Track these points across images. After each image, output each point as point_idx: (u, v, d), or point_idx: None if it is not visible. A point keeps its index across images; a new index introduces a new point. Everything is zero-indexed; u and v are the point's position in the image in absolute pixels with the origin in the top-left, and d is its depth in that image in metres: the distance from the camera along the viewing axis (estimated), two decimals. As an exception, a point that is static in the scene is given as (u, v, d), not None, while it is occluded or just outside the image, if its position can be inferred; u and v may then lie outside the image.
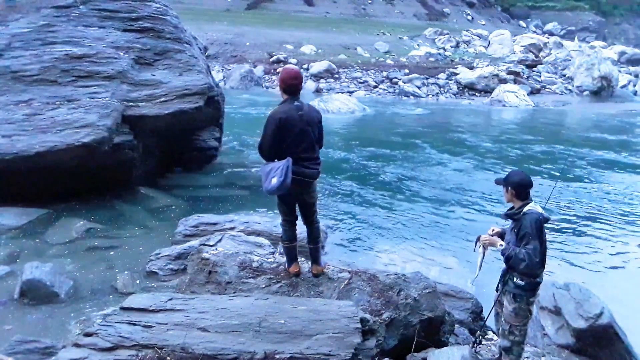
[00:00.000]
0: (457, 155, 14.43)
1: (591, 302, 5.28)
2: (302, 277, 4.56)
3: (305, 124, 4.16)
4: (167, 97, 9.31)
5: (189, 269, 4.90)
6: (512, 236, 3.83)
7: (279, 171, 4.01)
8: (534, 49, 36.28)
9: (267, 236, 6.82)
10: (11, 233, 7.29)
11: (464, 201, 10.34)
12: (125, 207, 8.70)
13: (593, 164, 13.93)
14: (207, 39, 30.19)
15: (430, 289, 4.61)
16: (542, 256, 3.71)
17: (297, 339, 3.62)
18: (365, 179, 11.66)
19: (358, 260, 6.82)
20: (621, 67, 34.77)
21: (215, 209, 8.76)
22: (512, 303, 3.85)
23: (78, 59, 9.11)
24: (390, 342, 4.21)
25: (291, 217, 4.48)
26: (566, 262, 7.69)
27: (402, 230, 8.63)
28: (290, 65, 21.64)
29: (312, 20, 42.34)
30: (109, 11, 10.25)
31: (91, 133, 8.04)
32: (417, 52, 36.47)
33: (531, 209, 3.77)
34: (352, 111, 21.04)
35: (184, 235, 7.16)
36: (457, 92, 28.19)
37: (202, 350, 3.45)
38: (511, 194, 3.87)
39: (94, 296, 5.85)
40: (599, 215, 9.87)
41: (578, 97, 28.08)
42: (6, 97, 8.37)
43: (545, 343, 5.37)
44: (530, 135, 18.12)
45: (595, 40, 49.48)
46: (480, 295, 5.79)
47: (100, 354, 3.44)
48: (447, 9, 52.90)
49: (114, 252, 7.01)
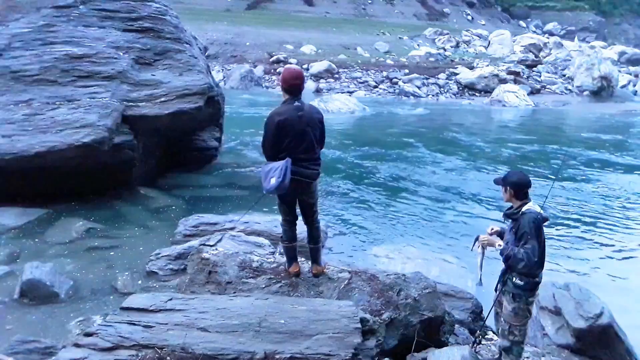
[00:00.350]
0: (457, 155, 14.43)
1: (591, 302, 5.28)
2: (302, 277, 4.56)
3: (305, 124, 4.15)
4: (167, 97, 9.31)
5: (189, 269, 4.90)
6: (511, 236, 3.83)
7: (278, 171, 4.01)
8: (534, 49, 36.30)
9: (267, 236, 6.82)
10: (11, 233, 7.29)
11: (464, 201, 10.34)
12: (125, 207, 8.69)
13: (593, 164, 13.93)
14: (207, 39, 30.18)
15: (430, 289, 4.61)
16: (541, 256, 3.71)
17: (297, 339, 3.62)
18: (365, 179, 11.66)
19: (358, 260, 6.83)
20: (621, 67, 34.81)
21: (215, 209, 8.76)
22: (511, 303, 3.85)
23: (78, 59, 9.10)
24: (390, 342, 4.21)
25: (291, 217, 4.48)
26: (566, 262, 7.68)
27: (402, 230, 8.63)
28: (292, 65, 21.63)
29: (312, 20, 42.36)
30: (109, 11, 10.25)
31: (91, 133, 8.04)
32: (417, 52, 36.50)
33: (529, 209, 3.76)
34: (352, 111, 21.04)
35: (184, 235, 7.16)
36: (457, 92, 28.20)
37: (202, 350, 3.45)
38: (510, 194, 3.87)
39: (94, 296, 5.85)
40: (599, 215, 9.87)
41: (578, 97, 28.08)
42: (6, 97, 8.36)
43: (545, 343, 5.37)
44: (530, 135, 18.11)
45: (595, 40, 49.52)
46: (480, 295, 5.79)
47: (100, 354, 3.44)
48: (447, 9, 52.93)
49: (114, 252, 7.01)
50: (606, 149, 16.11)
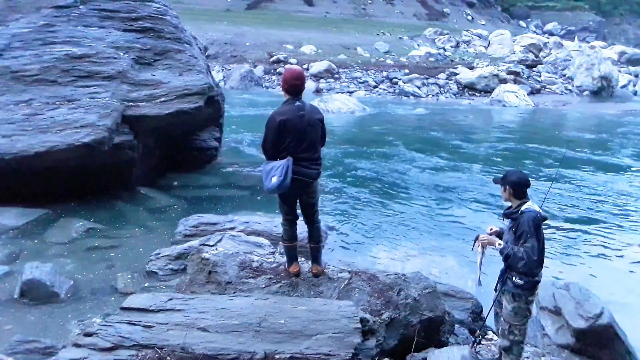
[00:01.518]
0: (457, 155, 14.43)
1: (591, 302, 5.28)
2: (302, 277, 4.55)
3: (306, 124, 4.16)
4: (167, 97, 9.31)
5: (189, 269, 4.89)
6: (510, 235, 3.83)
7: (279, 170, 4.03)
8: (534, 49, 36.31)
9: (267, 236, 6.81)
10: (11, 233, 7.29)
11: (464, 201, 10.34)
12: (125, 207, 8.69)
13: (593, 164, 13.92)
14: (207, 39, 30.21)
15: (430, 289, 4.61)
16: (540, 254, 3.71)
17: (297, 339, 3.62)
18: (365, 178, 11.65)
19: (358, 260, 6.82)
20: (621, 67, 34.80)
21: (215, 209, 8.76)
22: (511, 302, 3.85)
23: (78, 59, 9.11)
24: (390, 342, 4.21)
25: (291, 217, 4.48)
26: (566, 262, 7.68)
27: (402, 230, 8.63)
28: (293, 65, 21.64)
29: (312, 20, 42.39)
30: (109, 11, 10.26)
31: (91, 133, 8.04)
32: (417, 52, 36.52)
33: (529, 208, 3.77)
34: (352, 111, 21.05)
35: (184, 235, 7.15)
36: (457, 92, 28.21)
37: (202, 350, 3.45)
38: (509, 193, 3.87)
39: (94, 296, 5.85)
40: (598, 215, 9.87)
41: (578, 97, 28.09)
42: (6, 97, 8.36)
43: (545, 343, 5.37)
44: (529, 135, 18.12)
45: (595, 40, 49.51)
46: (480, 295, 5.79)
47: (100, 354, 3.44)
48: (447, 9, 52.95)
49: (114, 252, 7.00)
50: (606, 149, 16.10)
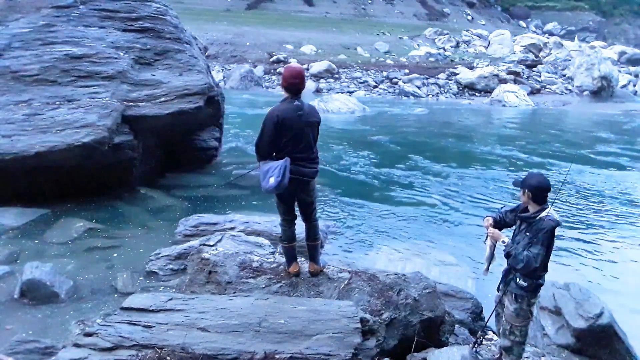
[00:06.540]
0: (457, 155, 14.44)
1: (591, 302, 5.29)
2: (302, 277, 4.55)
3: (304, 124, 4.12)
4: (167, 97, 9.31)
5: (189, 269, 4.89)
6: (524, 239, 3.73)
7: (277, 170, 4.00)
8: (534, 49, 36.32)
9: (267, 236, 6.80)
10: (11, 233, 7.29)
11: (464, 201, 10.34)
12: (125, 207, 8.69)
13: (593, 164, 13.93)
14: (207, 39, 30.21)
15: (430, 289, 4.61)
16: (545, 261, 3.66)
17: (297, 339, 3.62)
18: (365, 179, 11.66)
19: (358, 260, 6.82)
20: (621, 67, 34.82)
21: (215, 209, 8.76)
22: (513, 303, 3.84)
23: (78, 59, 9.10)
24: (390, 342, 4.21)
25: (290, 217, 4.46)
26: (566, 262, 7.69)
27: (402, 230, 8.63)
28: (294, 63, 21.61)
29: (312, 20, 42.37)
30: (109, 11, 10.25)
31: (91, 133, 8.03)
32: (417, 52, 36.51)
33: (549, 215, 3.65)
34: (352, 111, 21.05)
35: (184, 235, 7.15)
36: (457, 92, 28.21)
37: (202, 350, 3.45)
38: (528, 197, 3.73)
39: (94, 296, 5.85)
40: (598, 215, 9.87)
41: (578, 97, 28.09)
42: (6, 97, 8.36)
43: (545, 343, 5.37)
44: (529, 135, 18.12)
45: (595, 40, 49.52)
46: (480, 295, 5.79)
47: (100, 354, 3.43)
48: (447, 9, 52.93)
49: (114, 252, 7.00)
50: (606, 149, 16.11)
